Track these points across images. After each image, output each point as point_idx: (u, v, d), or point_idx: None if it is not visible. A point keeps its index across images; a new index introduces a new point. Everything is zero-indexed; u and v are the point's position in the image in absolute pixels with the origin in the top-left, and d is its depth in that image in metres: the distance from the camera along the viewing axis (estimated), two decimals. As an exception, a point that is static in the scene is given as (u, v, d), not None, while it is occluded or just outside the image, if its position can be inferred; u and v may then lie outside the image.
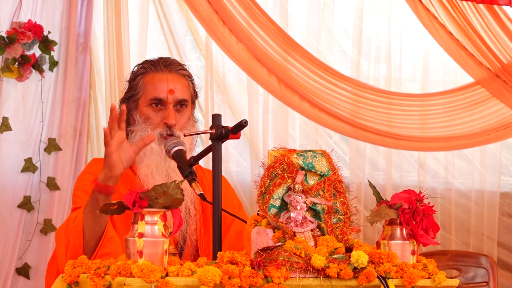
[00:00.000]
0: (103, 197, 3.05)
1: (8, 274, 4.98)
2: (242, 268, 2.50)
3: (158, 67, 3.36)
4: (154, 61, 3.39)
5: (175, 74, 3.36)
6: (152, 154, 3.27)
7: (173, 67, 3.37)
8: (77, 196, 3.27)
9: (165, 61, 3.39)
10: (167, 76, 3.34)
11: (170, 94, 3.30)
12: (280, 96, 5.27)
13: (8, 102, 5.04)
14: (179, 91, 3.33)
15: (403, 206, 2.72)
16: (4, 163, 5.01)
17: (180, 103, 3.33)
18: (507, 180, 5.78)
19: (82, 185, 3.27)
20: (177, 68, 3.37)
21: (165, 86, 3.31)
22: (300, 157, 2.76)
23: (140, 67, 3.41)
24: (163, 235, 2.51)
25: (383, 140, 5.40)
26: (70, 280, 2.69)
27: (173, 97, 3.30)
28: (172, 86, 3.31)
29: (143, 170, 3.27)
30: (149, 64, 3.39)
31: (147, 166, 3.27)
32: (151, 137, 3.12)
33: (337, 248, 2.65)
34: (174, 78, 3.34)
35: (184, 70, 3.39)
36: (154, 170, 3.26)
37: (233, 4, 5.14)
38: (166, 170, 3.27)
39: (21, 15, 5.03)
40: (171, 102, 3.31)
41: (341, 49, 5.65)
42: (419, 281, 2.63)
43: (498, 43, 5.35)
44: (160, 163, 3.26)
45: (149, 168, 3.27)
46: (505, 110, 5.43)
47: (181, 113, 3.34)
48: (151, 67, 3.37)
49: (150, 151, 3.26)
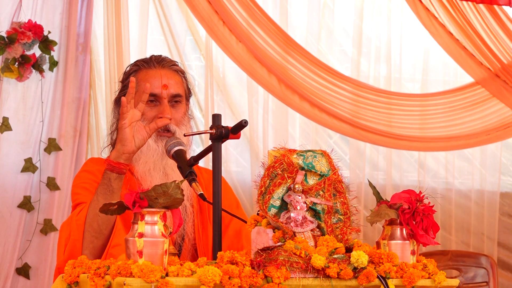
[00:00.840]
0: (115, 176, 3.10)
1: (8, 274, 4.98)
2: (242, 268, 2.50)
3: (150, 64, 3.38)
4: (146, 59, 3.43)
5: (168, 69, 3.38)
6: (149, 151, 3.28)
7: (166, 63, 3.39)
8: (77, 193, 3.27)
9: (157, 58, 3.41)
10: (160, 72, 3.36)
11: (164, 89, 3.31)
12: (280, 96, 5.27)
13: (8, 102, 5.04)
14: (173, 86, 3.34)
15: (403, 206, 2.72)
16: (4, 163, 5.01)
17: (174, 99, 3.34)
18: (507, 180, 5.79)
19: (80, 182, 3.28)
20: (169, 64, 3.40)
21: (159, 81, 3.33)
22: (300, 157, 2.76)
23: (132, 66, 3.43)
24: (163, 235, 2.51)
25: (383, 140, 5.40)
26: (70, 280, 2.69)
27: (167, 92, 3.31)
28: (166, 81, 3.33)
29: (141, 168, 3.28)
30: (141, 62, 3.42)
31: (144, 163, 3.28)
32: (165, 120, 3.19)
33: (337, 248, 2.65)
34: (168, 74, 3.36)
35: (176, 66, 3.42)
36: (152, 168, 3.27)
37: (233, 4, 5.14)
38: (164, 167, 3.27)
39: (21, 15, 5.03)
40: (165, 97, 3.31)
41: (341, 49, 5.65)
42: (419, 281, 2.63)
43: (498, 43, 5.35)
44: (157, 160, 3.27)
45: (147, 165, 3.27)
46: (505, 110, 5.43)
47: (176, 108, 3.35)
48: (143, 64, 3.39)
49: (147, 148, 3.27)
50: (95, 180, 3.25)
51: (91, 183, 3.25)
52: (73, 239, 3.11)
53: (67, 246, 3.12)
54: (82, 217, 3.12)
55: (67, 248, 3.12)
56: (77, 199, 3.25)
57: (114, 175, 3.10)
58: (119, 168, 3.11)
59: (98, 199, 3.11)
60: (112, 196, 3.09)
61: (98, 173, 3.27)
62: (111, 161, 3.11)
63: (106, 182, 3.10)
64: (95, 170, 3.30)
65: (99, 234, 3.11)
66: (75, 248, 3.10)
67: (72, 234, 3.12)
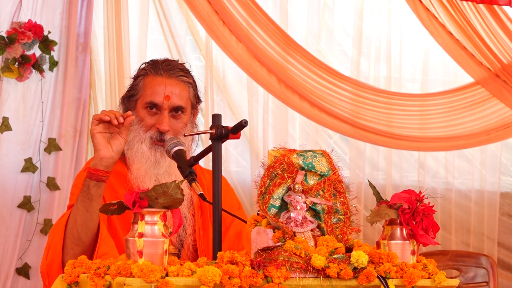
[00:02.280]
0: (93, 183, 3.06)
1: (8, 274, 4.98)
2: (242, 268, 2.50)
3: (158, 71, 3.33)
4: (156, 63, 3.36)
5: (175, 79, 3.32)
6: (142, 158, 3.26)
7: (174, 72, 3.33)
8: (73, 194, 3.27)
9: (168, 64, 3.35)
10: (166, 81, 3.30)
11: (166, 100, 3.28)
12: (280, 96, 5.27)
13: (8, 102, 5.04)
14: (176, 97, 3.30)
15: (403, 206, 2.72)
16: (4, 163, 5.01)
17: (175, 110, 3.32)
18: (507, 180, 5.79)
19: (78, 183, 3.27)
20: (177, 74, 3.33)
21: (162, 91, 3.29)
22: (300, 157, 2.76)
23: (142, 68, 3.39)
24: (163, 235, 2.51)
25: (383, 140, 5.40)
26: (70, 280, 2.69)
27: (168, 103, 3.28)
28: (169, 92, 3.29)
29: (134, 173, 3.27)
30: (150, 66, 3.36)
31: (137, 169, 3.27)
32: (128, 115, 3.11)
33: (337, 248, 2.65)
34: (173, 84, 3.31)
35: (185, 76, 3.35)
36: (143, 175, 3.26)
37: (233, 4, 5.14)
38: (156, 176, 3.26)
39: (21, 15, 5.03)
40: (166, 108, 3.29)
41: (341, 49, 5.65)
42: (419, 281, 2.63)
43: (498, 43, 5.35)
44: (149, 168, 3.25)
45: (139, 172, 3.26)
46: (505, 110, 5.43)
47: (177, 119, 3.31)
48: (151, 70, 3.34)
49: (141, 154, 3.26)
50: None
51: None
52: (54, 243, 3.10)
53: (49, 250, 3.11)
54: (63, 222, 3.10)
55: (49, 252, 3.11)
56: (73, 200, 3.25)
57: (92, 183, 3.07)
58: (97, 175, 3.07)
59: (77, 206, 3.08)
60: (90, 204, 3.06)
61: None
62: (90, 168, 3.08)
63: (85, 190, 3.07)
64: None
65: (78, 241, 3.08)
66: (55, 252, 3.08)
67: (54, 239, 3.11)
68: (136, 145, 3.28)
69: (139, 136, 3.28)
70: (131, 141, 3.27)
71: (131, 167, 3.28)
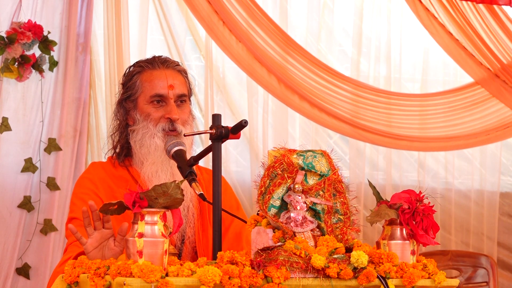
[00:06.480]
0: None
1: (8, 274, 4.98)
2: (242, 268, 2.50)
3: (155, 65, 3.37)
4: (149, 60, 3.41)
5: (172, 70, 3.37)
6: (156, 152, 3.27)
7: (169, 63, 3.39)
8: (74, 204, 3.26)
9: (160, 58, 3.40)
10: (165, 72, 3.35)
11: (170, 89, 3.32)
12: (280, 96, 5.27)
13: (8, 102, 5.04)
14: (178, 86, 3.34)
15: (403, 206, 2.72)
16: (4, 163, 5.01)
17: (180, 98, 3.35)
18: (507, 180, 5.79)
19: (79, 192, 3.26)
20: (173, 65, 3.39)
21: (165, 82, 3.32)
22: (300, 157, 2.76)
23: (135, 67, 3.41)
24: (163, 235, 2.51)
25: (383, 140, 5.41)
26: (70, 280, 2.69)
27: (173, 92, 3.32)
28: (172, 81, 3.33)
29: (148, 169, 3.26)
30: (145, 62, 3.40)
31: (152, 163, 3.26)
32: (124, 226, 2.86)
33: (337, 248, 2.65)
34: (172, 74, 3.36)
35: (179, 66, 3.42)
36: (159, 169, 3.26)
37: (233, 4, 5.14)
38: (171, 167, 3.27)
39: (21, 15, 5.03)
40: (172, 97, 3.32)
41: (341, 49, 5.65)
42: (419, 281, 2.63)
43: (498, 43, 5.36)
44: (165, 160, 3.26)
45: (154, 165, 3.26)
46: (505, 110, 5.44)
47: (182, 108, 3.35)
48: (147, 65, 3.38)
49: (154, 148, 3.26)
50: (95, 190, 3.24)
51: (89, 193, 3.24)
52: None
53: None
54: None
55: None
56: (73, 210, 3.23)
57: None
58: None
59: None
60: None
61: (98, 181, 3.26)
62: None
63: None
64: (96, 178, 3.29)
65: None
66: None
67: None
68: (148, 141, 3.28)
69: (150, 132, 3.29)
70: (141, 139, 3.28)
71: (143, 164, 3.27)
